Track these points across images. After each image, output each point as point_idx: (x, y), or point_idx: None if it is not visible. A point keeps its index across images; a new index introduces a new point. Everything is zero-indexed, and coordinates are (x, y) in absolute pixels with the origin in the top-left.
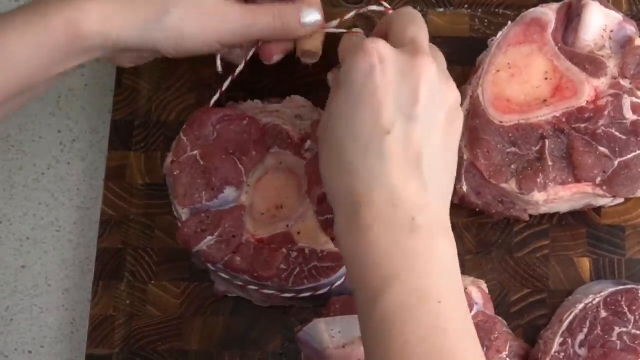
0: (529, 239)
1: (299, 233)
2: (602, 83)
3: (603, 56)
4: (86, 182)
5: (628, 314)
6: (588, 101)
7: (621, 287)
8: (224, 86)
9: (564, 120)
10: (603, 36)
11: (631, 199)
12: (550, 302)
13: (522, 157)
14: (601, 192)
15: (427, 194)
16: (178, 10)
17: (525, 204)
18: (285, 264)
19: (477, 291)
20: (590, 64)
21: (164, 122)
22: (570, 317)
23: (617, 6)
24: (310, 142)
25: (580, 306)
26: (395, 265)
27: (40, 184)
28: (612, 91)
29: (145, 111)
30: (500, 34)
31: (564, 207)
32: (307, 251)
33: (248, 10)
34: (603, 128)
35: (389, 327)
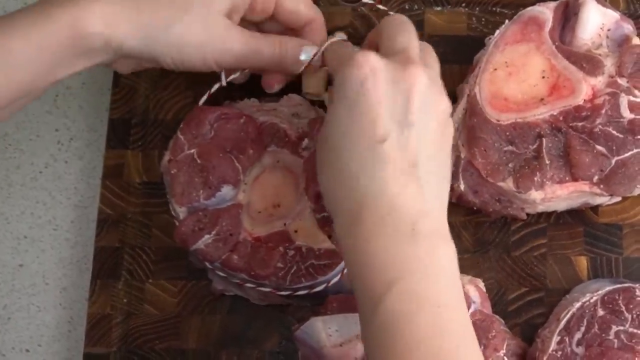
0: (526, 238)
1: (296, 231)
2: (599, 82)
3: (600, 55)
4: (83, 181)
5: (625, 312)
6: (585, 100)
7: (618, 286)
8: (213, 88)
9: (561, 118)
10: (600, 35)
11: (628, 197)
12: (547, 301)
13: (520, 156)
14: (598, 191)
15: (426, 200)
16: (182, 25)
17: (522, 203)
18: (282, 262)
19: (475, 290)
20: (588, 63)
21: (162, 121)
22: (568, 316)
23: (614, 5)
24: (307, 141)
25: (578, 305)
26: (396, 271)
27: (37, 183)
28: (609, 90)
29: (142, 110)
30: (497, 32)
31: (561, 206)
32: (304, 249)
33: (251, 37)
34: (600, 126)
35: (390, 331)
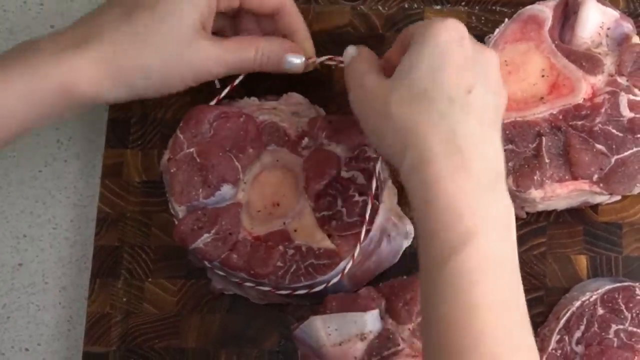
0: (526, 237)
1: (295, 230)
2: (599, 80)
3: (600, 53)
4: (83, 180)
5: (625, 311)
6: (585, 98)
7: (618, 285)
8: (223, 93)
9: (561, 117)
10: (600, 33)
11: (628, 196)
12: (547, 300)
13: (519, 155)
14: (598, 190)
15: (500, 157)
16: (160, 65)
17: (522, 202)
18: (281, 262)
19: None
20: (587, 61)
21: (161, 120)
22: (567, 315)
23: (614, 3)
24: (307, 139)
25: (577, 303)
26: (477, 222)
27: (37, 182)
28: (609, 88)
29: (141, 109)
30: (497, 31)
31: (561, 205)
32: (304, 248)
33: (225, 51)
34: (600, 125)
35: (459, 285)
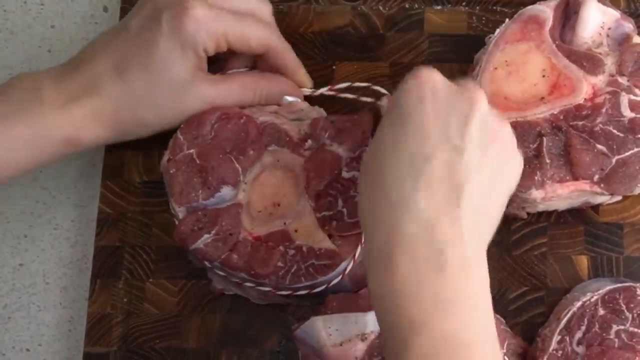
0: (527, 237)
1: (296, 231)
2: (600, 80)
3: (600, 53)
4: (83, 180)
5: (626, 311)
6: (586, 99)
7: (619, 285)
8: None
9: (562, 117)
10: (600, 33)
11: (629, 196)
12: (548, 300)
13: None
14: (599, 190)
15: (462, 230)
16: (158, 121)
17: (522, 202)
18: (282, 262)
19: None
20: (588, 62)
21: None
22: (568, 315)
23: (615, 3)
24: (310, 142)
25: (578, 304)
26: (425, 310)
27: (37, 182)
28: (610, 89)
29: None
30: (497, 31)
31: (562, 205)
32: (305, 249)
33: (225, 95)
34: (601, 125)
35: None
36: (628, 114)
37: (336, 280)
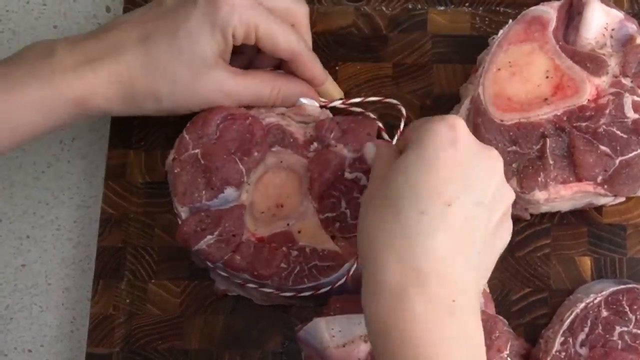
0: (530, 238)
1: (299, 232)
2: (603, 81)
3: (604, 54)
4: (86, 181)
5: (629, 313)
6: (589, 99)
7: (622, 287)
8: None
9: (565, 118)
10: (604, 34)
11: (632, 197)
12: (551, 301)
13: (523, 156)
14: (602, 191)
15: (469, 279)
16: (170, 97)
17: (526, 203)
18: (285, 263)
19: None
20: (592, 62)
21: (164, 121)
22: (571, 317)
23: (618, 4)
24: (316, 144)
25: (581, 305)
26: (432, 349)
27: (40, 182)
28: (613, 90)
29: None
30: (501, 32)
31: (565, 206)
32: (308, 250)
33: (242, 86)
34: (604, 127)
35: None
36: (632, 115)
37: (341, 281)
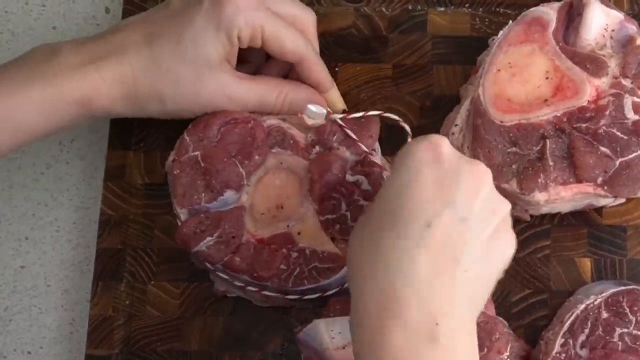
0: (530, 239)
1: (299, 233)
2: (603, 82)
3: (604, 55)
4: (85, 182)
5: (629, 314)
6: (589, 101)
7: (622, 288)
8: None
9: (565, 119)
10: (604, 35)
11: (632, 199)
12: (551, 303)
13: (523, 157)
14: (602, 192)
15: (456, 300)
16: (174, 99)
17: (526, 204)
18: (285, 264)
19: None
20: (592, 63)
21: (163, 122)
22: (572, 318)
23: (618, 5)
24: (318, 148)
25: (582, 307)
26: None
27: (39, 184)
28: (614, 91)
29: None
30: (501, 33)
31: (565, 207)
32: (308, 251)
33: (247, 91)
34: (604, 128)
35: None
36: (632, 116)
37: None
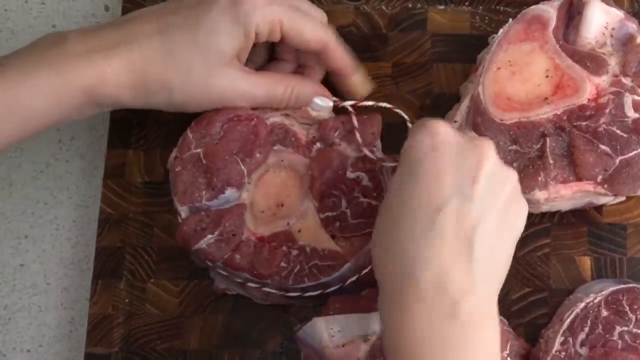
0: (530, 238)
1: (299, 231)
2: (604, 81)
3: (604, 54)
4: (85, 180)
5: (629, 313)
6: (589, 99)
7: (622, 286)
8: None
9: (565, 118)
10: (604, 34)
11: (632, 197)
12: (551, 301)
13: (523, 155)
14: (602, 191)
15: (474, 278)
16: (182, 90)
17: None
18: (285, 262)
19: None
20: (592, 62)
21: (163, 120)
22: (571, 316)
23: (619, 3)
24: (319, 144)
25: (581, 305)
26: (432, 354)
27: (38, 182)
28: (614, 89)
29: (144, 109)
30: (501, 31)
31: (565, 206)
32: (308, 249)
33: (255, 86)
34: (604, 126)
35: None
36: (632, 114)
37: (353, 279)
